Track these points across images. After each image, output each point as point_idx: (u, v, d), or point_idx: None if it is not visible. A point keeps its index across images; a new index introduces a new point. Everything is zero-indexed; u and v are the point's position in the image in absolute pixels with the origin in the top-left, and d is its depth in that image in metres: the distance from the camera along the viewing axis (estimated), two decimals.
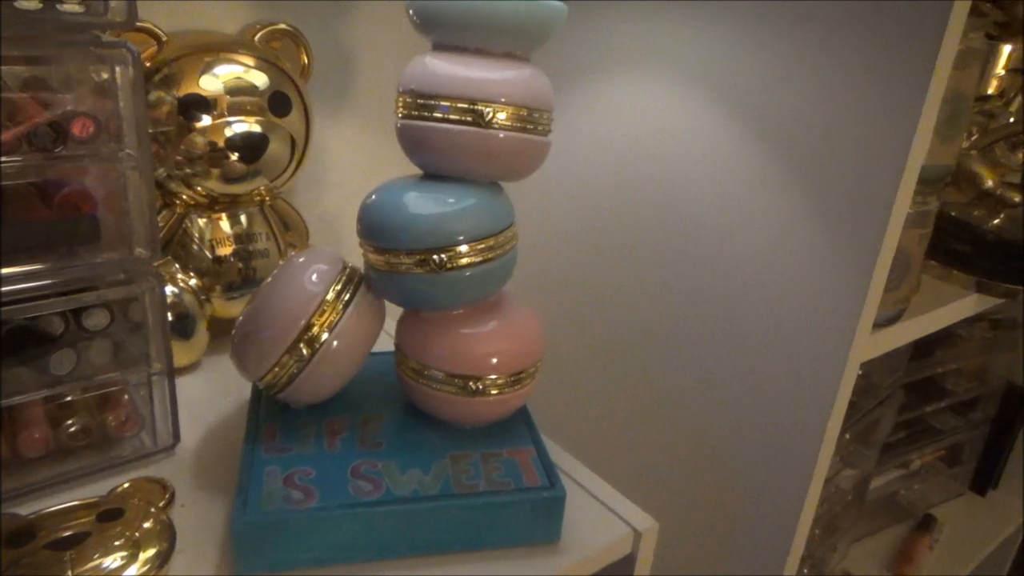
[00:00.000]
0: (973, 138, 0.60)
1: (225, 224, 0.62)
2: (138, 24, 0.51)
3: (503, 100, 0.43)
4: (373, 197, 0.46)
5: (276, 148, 0.59)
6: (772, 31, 0.51)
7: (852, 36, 0.47)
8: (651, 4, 0.60)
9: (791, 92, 0.50)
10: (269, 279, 0.48)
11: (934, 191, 0.50)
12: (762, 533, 0.58)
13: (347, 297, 0.46)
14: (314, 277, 0.46)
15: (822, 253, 0.49)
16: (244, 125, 0.57)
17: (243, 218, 0.62)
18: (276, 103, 0.58)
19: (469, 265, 0.44)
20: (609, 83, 0.64)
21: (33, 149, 0.40)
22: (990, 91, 0.79)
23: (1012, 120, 0.77)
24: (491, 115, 0.42)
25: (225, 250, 0.62)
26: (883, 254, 0.46)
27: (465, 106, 0.42)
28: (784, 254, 0.52)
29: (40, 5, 0.38)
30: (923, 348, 0.94)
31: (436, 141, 0.43)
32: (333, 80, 0.70)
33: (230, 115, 0.57)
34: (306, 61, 0.63)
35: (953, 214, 0.63)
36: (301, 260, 0.48)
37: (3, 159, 0.38)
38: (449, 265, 0.43)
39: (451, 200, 0.44)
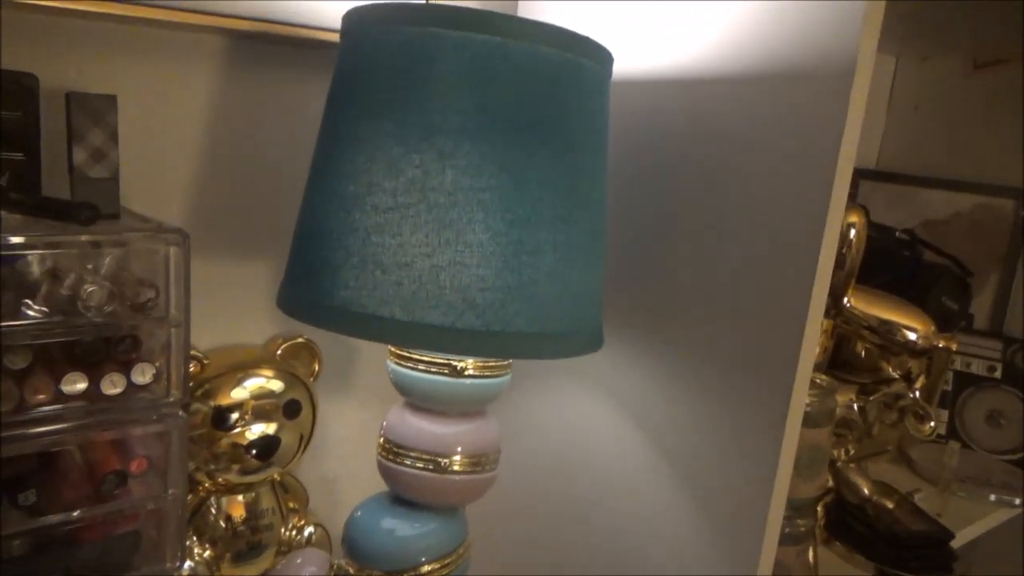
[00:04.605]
0: (851, 452, 0.73)
1: (239, 499, 0.74)
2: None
3: (458, 450, 0.56)
4: (358, 514, 0.59)
5: (287, 444, 0.72)
6: (668, 372, 0.65)
7: (722, 397, 0.61)
8: None
9: (682, 418, 0.63)
10: (276, 568, 0.60)
11: (806, 515, 0.62)
12: None
13: None
14: None
15: (710, 562, 0.61)
16: (261, 426, 0.71)
17: (254, 495, 0.75)
18: (289, 409, 0.73)
19: None
20: (548, 388, 0.78)
21: (99, 497, 0.53)
22: (896, 374, 0.93)
23: (917, 395, 0.91)
24: (448, 464, 0.56)
25: (238, 522, 0.74)
26: (762, 571, 0.58)
27: (428, 457, 0.56)
28: (681, 556, 0.63)
29: (121, 391, 0.53)
30: None
31: (404, 479, 0.57)
32: (337, 367, 0.85)
33: (253, 416, 0.71)
34: (317, 368, 0.78)
35: (853, 500, 0.74)
36: (298, 561, 0.60)
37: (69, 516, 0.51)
38: None
39: (416, 525, 0.57)
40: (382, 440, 0.58)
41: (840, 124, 0.54)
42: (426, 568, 0.55)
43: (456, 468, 0.56)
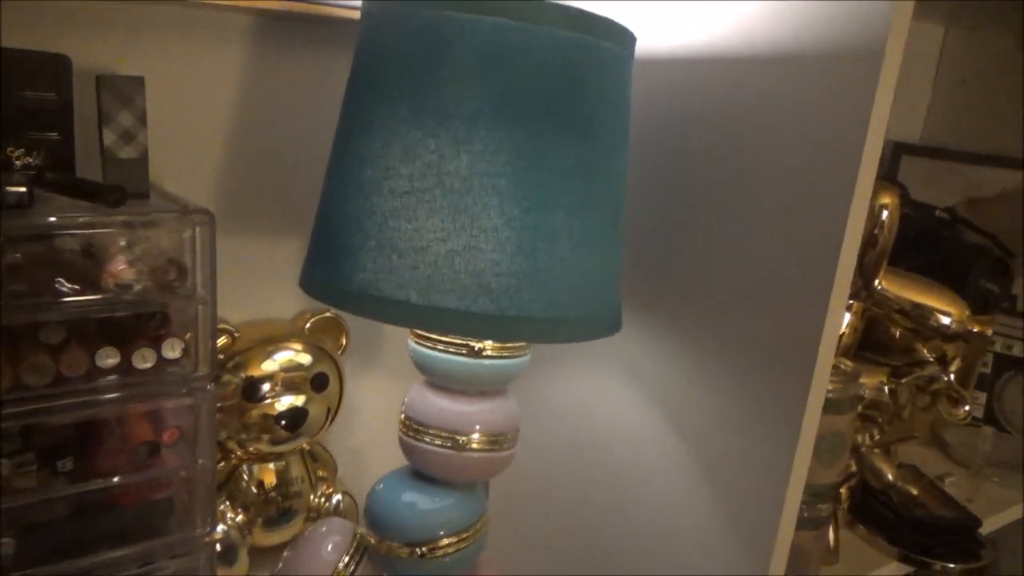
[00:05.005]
0: (876, 438, 0.72)
1: (270, 467, 0.77)
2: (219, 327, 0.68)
3: (477, 428, 0.57)
4: (379, 487, 0.60)
5: (315, 416, 0.74)
6: (690, 356, 0.65)
7: (742, 381, 0.60)
8: None
9: (703, 403, 0.63)
10: (303, 535, 0.62)
11: (826, 500, 0.61)
12: None
13: (353, 567, 0.60)
14: (330, 547, 0.61)
15: (727, 546, 0.61)
16: (290, 398, 0.73)
17: (284, 463, 0.77)
18: (317, 381, 0.75)
19: (447, 554, 0.57)
20: (569, 369, 0.78)
21: (133, 465, 0.55)
22: (931, 357, 0.91)
23: (952, 378, 0.89)
24: (466, 442, 0.57)
25: (269, 489, 0.76)
26: (777, 554, 0.58)
27: (446, 435, 0.57)
28: (697, 539, 0.64)
29: (152, 365, 0.55)
30: None
31: (424, 456, 0.58)
32: (364, 342, 0.87)
33: (283, 388, 0.73)
34: (344, 342, 0.80)
35: (877, 486, 0.74)
36: (323, 530, 0.62)
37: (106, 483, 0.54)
38: (431, 556, 0.57)
39: (436, 499, 0.58)
40: (403, 417, 0.59)
41: (868, 105, 0.52)
42: (444, 541, 0.57)
43: (474, 446, 0.57)
